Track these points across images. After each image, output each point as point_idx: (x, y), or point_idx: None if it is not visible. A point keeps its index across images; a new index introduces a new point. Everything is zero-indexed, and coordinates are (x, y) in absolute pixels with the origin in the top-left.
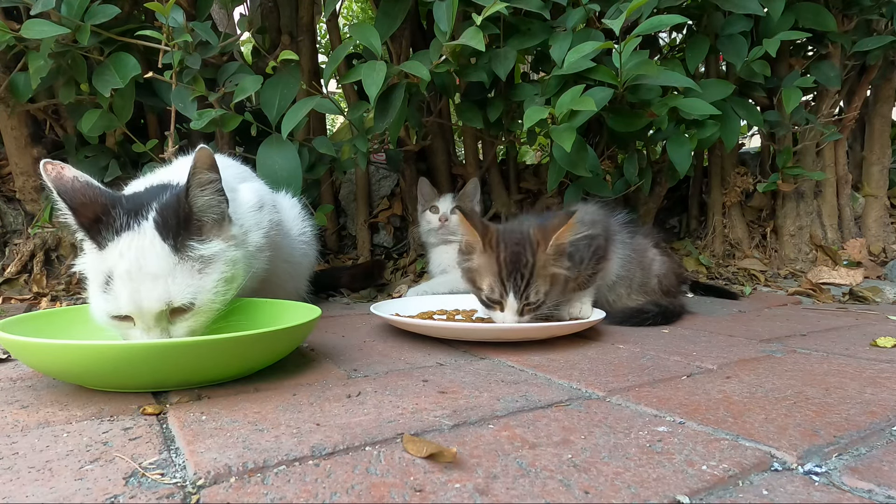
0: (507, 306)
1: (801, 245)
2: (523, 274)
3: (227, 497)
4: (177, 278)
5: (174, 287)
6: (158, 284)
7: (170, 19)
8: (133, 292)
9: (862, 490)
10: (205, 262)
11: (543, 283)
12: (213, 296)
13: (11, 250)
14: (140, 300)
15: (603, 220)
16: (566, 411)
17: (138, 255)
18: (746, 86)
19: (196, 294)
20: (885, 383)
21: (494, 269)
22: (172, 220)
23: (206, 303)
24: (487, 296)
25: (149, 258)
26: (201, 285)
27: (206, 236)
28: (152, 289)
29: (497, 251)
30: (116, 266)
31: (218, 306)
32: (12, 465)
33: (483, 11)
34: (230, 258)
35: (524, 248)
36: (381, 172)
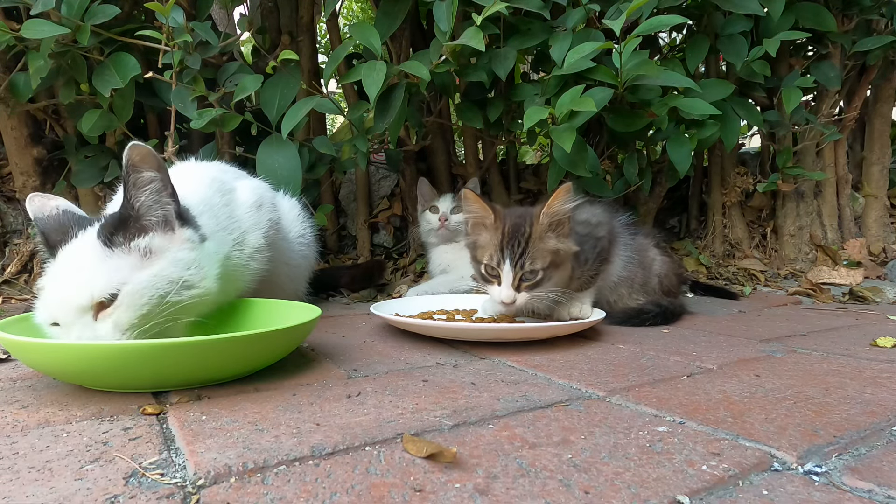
0: (504, 277)
1: (801, 245)
2: (520, 242)
3: (227, 497)
4: (102, 271)
5: (98, 278)
6: (82, 276)
7: (170, 19)
8: (57, 289)
9: (862, 490)
10: (143, 258)
11: (541, 257)
12: (143, 291)
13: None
14: (61, 294)
15: (608, 222)
16: (566, 411)
17: (71, 254)
18: (746, 86)
19: (120, 286)
20: (885, 383)
21: (497, 240)
22: (112, 221)
23: (131, 296)
24: (487, 264)
25: (78, 254)
26: (130, 278)
27: (147, 234)
28: (74, 280)
29: (503, 224)
30: (58, 261)
31: (151, 307)
32: (12, 465)
33: (483, 11)
34: (180, 259)
35: (524, 221)
36: (381, 172)
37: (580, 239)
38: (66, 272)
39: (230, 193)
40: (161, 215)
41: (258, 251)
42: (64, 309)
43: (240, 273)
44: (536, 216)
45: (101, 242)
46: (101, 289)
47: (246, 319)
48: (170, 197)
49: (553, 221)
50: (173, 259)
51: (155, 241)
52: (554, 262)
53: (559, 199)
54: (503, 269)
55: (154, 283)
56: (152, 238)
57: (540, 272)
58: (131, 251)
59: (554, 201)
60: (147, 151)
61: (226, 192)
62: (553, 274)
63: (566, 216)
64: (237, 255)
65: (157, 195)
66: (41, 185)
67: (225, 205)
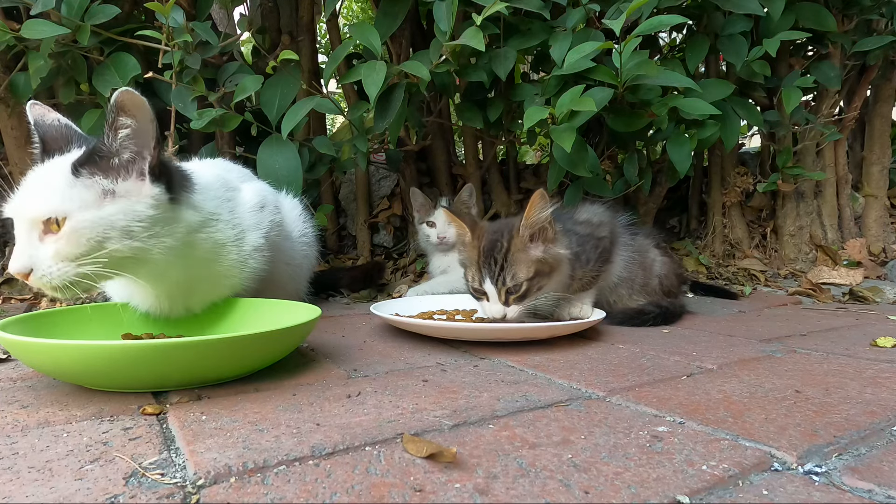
0: (489, 294)
1: (801, 245)
2: (496, 259)
3: (227, 497)
4: (58, 195)
5: (51, 200)
6: (39, 194)
7: (170, 19)
8: (20, 196)
9: (862, 490)
10: (102, 197)
11: (524, 268)
12: (85, 229)
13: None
14: (21, 204)
15: (610, 222)
16: (566, 411)
17: (48, 168)
18: (746, 86)
19: (68, 210)
20: (885, 383)
21: (475, 258)
22: (83, 153)
23: (80, 228)
24: (471, 284)
25: (51, 171)
26: (80, 209)
27: (115, 178)
28: (31, 195)
29: (480, 241)
30: (30, 175)
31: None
32: (12, 465)
33: (483, 11)
34: (134, 210)
35: (501, 236)
36: (381, 172)
37: (581, 239)
38: (35, 183)
39: (233, 191)
40: (131, 162)
41: (257, 250)
42: (17, 215)
43: (235, 270)
44: (516, 229)
45: (69, 170)
46: (48, 210)
47: (246, 319)
48: (150, 150)
49: (534, 231)
50: (127, 208)
51: (120, 186)
52: (541, 271)
53: (534, 207)
54: (486, 286)
55: (98, 224)
56: (117, 182)
57: (524, 284)
58: (92, 187)
59: (530, 211)
60: (135, 99)
61: (229, 188)
62: (544, 282)
63: (547, 222)
64: (234, 250)
65: (132, 142)
66: None
67: (227, 200)
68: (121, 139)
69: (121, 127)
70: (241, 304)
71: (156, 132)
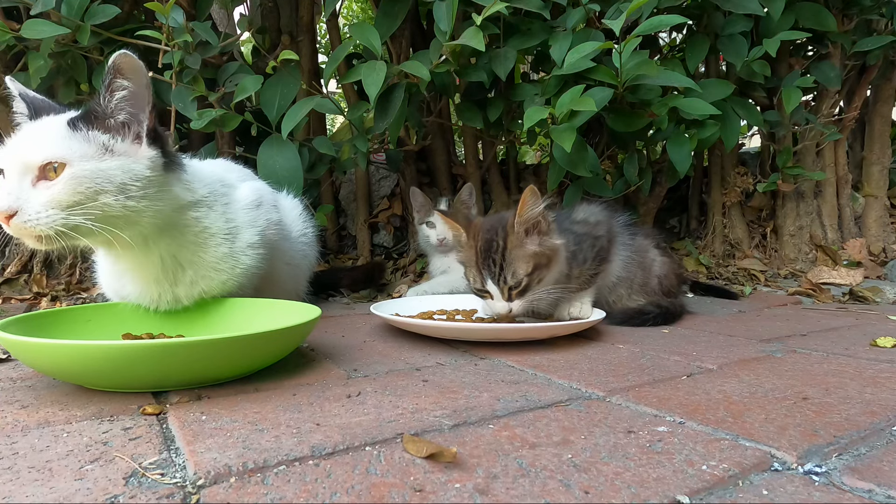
0: (492, 293)
1: (801, 245)
2: (495, 259)
3: (227, 497)
4: (59, 143)
5: (53, 146)
6: (34, 140)
7: (170, 19)
8: (14, 142)
9: (862, 490)
10: (101, 149)
11: (522, 265)
12: (85, 178)
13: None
14: (14, 147)
15: (607, 221)
16: (566, 411)
17: (41, 123)
18: (746, 86)
19: (65, 158)
20: (885, 383)
21: (473, 259)
22: (84, 110)
23: (78, 177)
24: (472, 285)
25: (47, 123)
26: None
27: (113, 137)
28: (27, 141)
29: (476, 242)
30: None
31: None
32: (12, 465)
33: (483, 11)
34: (132, 168)
35: (496, 234)
36: (381, 172)
37: (578, 238)
38: (31, 133)
39: (229, 187)
40: (127, 124)
41: (251, 247)
42: (11, 158)
43: (225, 265)
44: (510, 226)
45: (66, 124)
46: (49, 155)
47: (246, 319)
48: (145, 113)
49: (528, 227)
50: (125, 166)
51: (117, 145)
52: (539, 264)
53: (527, 204)
54: (489, 286)
55: (98, 174)
56: (114, 140)
57: (524, 279)
58: (90, 141)
59: (523, 208)
60: (132, 62)
61: (225, 183)
62: (543, 274)
63: (541, 216)
64: (225, 243)
65: (128, 104)
66: None
67: (221, 193)
68: (117, 100)
69: (117, 89)
70: (240, 304)
71: (151, 97)
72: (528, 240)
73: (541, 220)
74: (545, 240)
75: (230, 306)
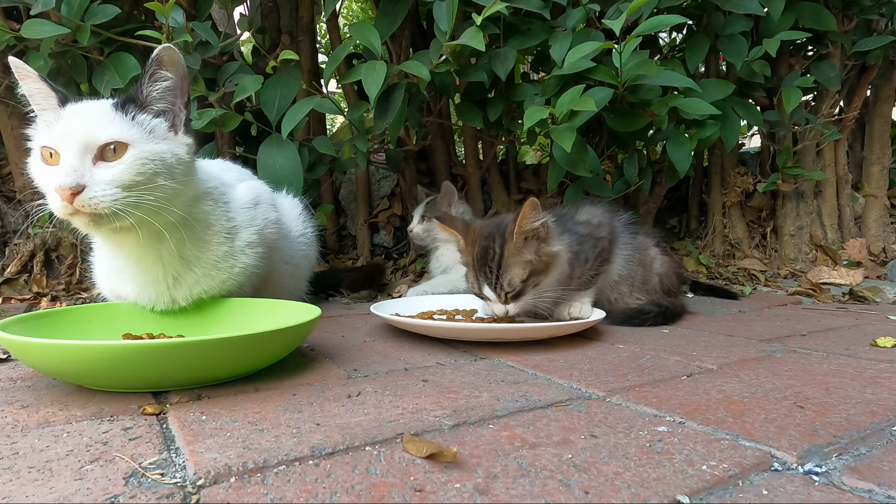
0: (490, 297)
1: (801, 245)
2: (491, 267)
3: (227, 497)
4: (112, 123)
5: (105, 125)
6: (93, 120)
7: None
8: (70, 122)
9: (862, 490)
10: (149, 131)
11: (518, 271)
12: (149, 158)
13: (11, 250)
14: (72, 127)
15: (609, 222)
16: (566, 411)
17: (89, 105)
18: (746, 86)
19: (129, 139)
20: (885, 383)
21: (471, 264)
22: (127, 96)
23: (139, 157)
24: (471, 290)
25: (95, 106)
26: (138, 137)
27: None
28: (85, 121)
29: (473, 248)
30: (69, 110)
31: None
32: (12, 465)
33: (483, 11)
34: (177, 153)
35: (493, 242)
36: (381, 172)
37: (580, 239)
38: (84, 114)
39: (227, 187)
40: (166, 111)
41: (249, 246)
42: (71, 137)
43: (225, 264)
44: (508, 234)
45: (113, 107)
46: (115, 133)
47: (246, 319)
48: (183, 105)
49: (528, 236)
50: (173, 149)
51: (161, 130)
52: (535, 270)
53: (526, 217)
54: (486, 292)
55: (156, 156)
56: (154, 120)
57: (519, 285)
58: (142, 125)
59: (522, 220)
60: (174, 56)
61: (223, 183)
62: (540, 278)
63: (540, 225)
64: (226, 242)
65: (168, 94)
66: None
67: (221, 193)
68: (159, 90)
69: (160, 79)
70: (241, 304)
71: (188, 89)
72: (525, 248)
73: (539, 229)
74: (542, 247)
75: (230, 306)
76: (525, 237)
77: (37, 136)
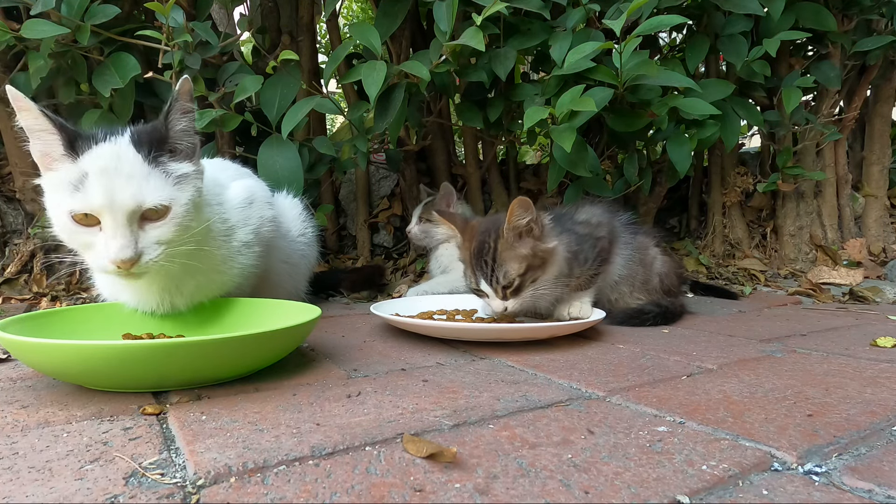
0: (488, 292)
1: (801, 245)
2: (486, 261)
3: (227, 497)
4: (150, 182)
5: (147, 189)
6: (133, 183)
7: (170, 19)
8: (108, 187)
9: (862, 490)
10: (179, 178)
11: (514, 266)
12: (186, 210)
13: (11, 250)
14: (114, 194)
15: (608, 222)
16: (566, 411)
17: (114, 157)
18: (746, 86)
19: (171, 200)
20: (885, 383)
21: (468, 260)
22: (146, 137)
23: (179, 213)
24: (469, 286)
25: (124, 161)
26: (176, 195)
27: (180, 159)
28: (126, 186)
29: (471, 244)
30: (92, 165)
31: (187, 224)
32: (12, 465)
33: (483, 11)
34: (199, 188)
35: (488, 237)
36: (381, 172)
37: (580, 239)
38: (113, 174)
39: (221, 187)
40: (190, 144)
41: (246, 245)
42: (116, 208)
43: (224, 266)
44: (501, 230)
45: (141, 156)
46: (156, 199)
47: (246, 319)
48: (196, 133)
49: (519, 231)
50: (196, 186)
51: (183, 167)
52: (532, 265)
53: (514, 214)
54: (483, 286)
55: (189, 204)
56: (182, 163)
57: (516, 279)
58: (168, 173)
59: (510, 217)
60: (190, 85)
61: (217, 184)
62: (537, 274)
63: (533, 222)
64: (224, 244)
65: (191, 125)
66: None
67: (216, 194)
68: (184, 122)
69: (185, 112)
70: (241, 304)
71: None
72: (519, 243)
73: (533, 227)
74: (538, 244)
75: (230, 306)
76: (518, 233)
77: (63, 201)
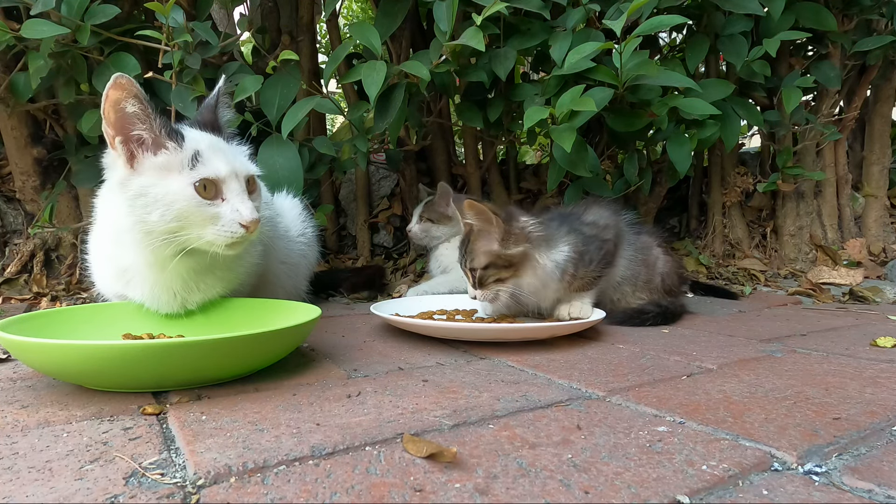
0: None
1: (801, 245)
2: (464, 248)
3: (227, 497)
4: (244, 157)
5: (246, 161)
6: (238, 156)
7: (170, 19)
8: (226, 158)
9: (862, 490)
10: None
11: (479, 258)
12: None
13: (11, 250)
14: (234, 163)
15: (615, 225)
16: (566, 411)
17: (209, 138)
18: (746, 86)
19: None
20: (885, 383)
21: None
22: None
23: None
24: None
25: (219, 140)
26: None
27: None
28: (236, 157)
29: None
30: (200, 144)
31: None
32: (12, 465)
33: (483, 11)
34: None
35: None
36: (381, 172)
37: (586, 240)
38: (225, 150)
39: None
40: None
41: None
42: (240, 174)
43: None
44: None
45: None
46: (256, 168)
47: (246, 319)
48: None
49: (480, 230)
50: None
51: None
52: (494, 263)
53: (464, 213)
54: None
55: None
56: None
57: (479, 271)
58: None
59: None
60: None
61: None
62: (503, 274)
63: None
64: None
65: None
66: (41, 185)
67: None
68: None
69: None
70: (241, 304)
71: None
72: (483, 241)
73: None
74: (508, 245)
75: (230, 306)
76: (479, 230)
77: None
